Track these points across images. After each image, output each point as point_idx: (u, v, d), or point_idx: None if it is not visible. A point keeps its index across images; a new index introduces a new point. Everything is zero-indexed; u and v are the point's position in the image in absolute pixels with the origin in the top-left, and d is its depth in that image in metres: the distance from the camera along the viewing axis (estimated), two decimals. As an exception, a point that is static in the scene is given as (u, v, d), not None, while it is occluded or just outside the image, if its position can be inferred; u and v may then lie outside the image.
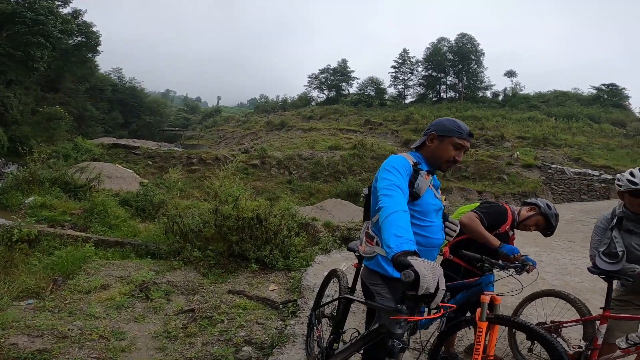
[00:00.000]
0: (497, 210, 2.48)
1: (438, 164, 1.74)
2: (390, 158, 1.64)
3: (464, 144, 1.70)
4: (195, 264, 4.69)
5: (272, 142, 31.44)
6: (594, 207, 11.95)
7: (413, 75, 50.73)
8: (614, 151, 23.53)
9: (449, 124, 1.72)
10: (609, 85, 42.48)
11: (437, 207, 1.71)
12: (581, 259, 6.03)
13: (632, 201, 2.17)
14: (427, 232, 1.64)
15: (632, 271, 2.14)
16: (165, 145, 30.18)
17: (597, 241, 2.38)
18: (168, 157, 21.28)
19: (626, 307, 2.26)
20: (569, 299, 2.57)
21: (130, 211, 8.87)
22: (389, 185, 1.45)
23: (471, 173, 16.45)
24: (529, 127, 28.89)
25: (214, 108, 79.66)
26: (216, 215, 4.71)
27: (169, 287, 4.07)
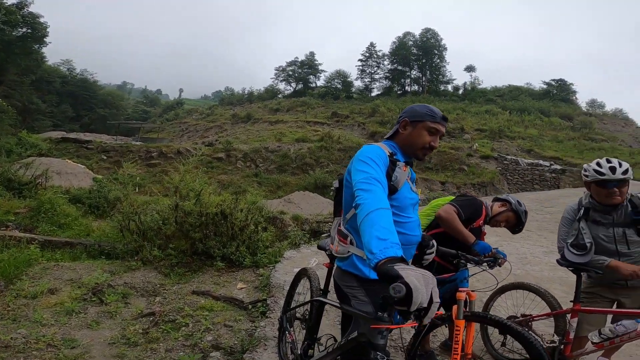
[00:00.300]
0: (474, 204, 2.45)
1: (413, 151, 1.61)
2: (364, 148, 1.50)
3: (438, 128, 1.58)
4: (156, 264, 4.42)
5: (237, 135, 30.66)
6: (546, 197, 12.73)
7: (379, 69, 51.64)
8: (562, 143, 25.36)
9: (421, 108, 1.61)
10: (558, 81, 45.71)
11: (414, 202, 1.60)
12: (538, 248, 6.38)
13: (598, 191, 2.14)
14: (405, 228, 1.52)
15: (601, 263, 2.11)
16: (121, 139, 28.46)
17: (565, 232, 2.33)
18: (125, 151, 20.08)
19: (593, 299, 2.25)
20: (538, 292, 2.54)
21: (83, 209, 8.35)
22: (366, 179, 1.31)
23: (434, 164, 17.02)
24: (487, 120, 30.39)
25: (176, 100, 76.32)
26: (177, 211, 4.45)
27: (126, 289, 3.82)
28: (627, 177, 2.07)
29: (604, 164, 2.11)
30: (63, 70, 51.19)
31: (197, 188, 4.65)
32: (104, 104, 52.96)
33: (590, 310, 2.14)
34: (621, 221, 2.15)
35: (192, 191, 4.68)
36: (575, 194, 13.18)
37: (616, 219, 2.15)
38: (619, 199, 2.10)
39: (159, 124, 46.23)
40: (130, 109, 61.90)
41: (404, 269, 0.99)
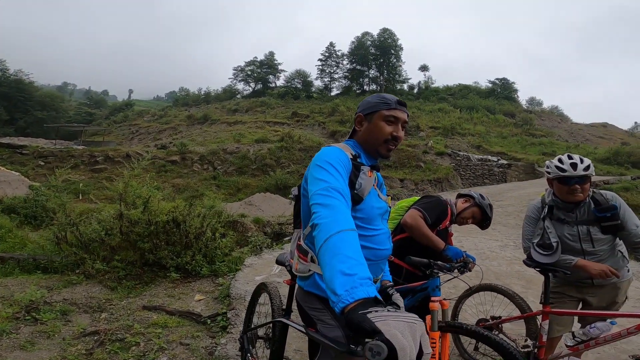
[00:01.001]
0: (439, 205, 2.33)
1: (376, 148, 1.39)
2: (323, 150, 1.28)
3: (396, 115, 1.37)
4: (100, 277, 4.08)
5: (194, 137, 29.44)
6: (496, 191, 13.54)
7: (339, 69, 52.25)
8: (506, 139, 27.29)
9: (373, 98, 1.43)
10: (502, 80, 49.21)
11: (382, 211, 1.40)
12: (494, 242, 6.71)
13: (560, 188, 2.07)
14: (373, 242, 1.32)
15: (568, 263, 2.04)
16: (62, 143, 26.16)
17: (530, 232, 2.25)
18: (65, 156, 18.50)
19: (561, 299, 2.19)
20: (506, 294, 2.46)
21: (18, 219, 7.76)
22: (324, 190, 1.08)
23: (393, 162, 17.47)
24: (440, 117, 31.91)
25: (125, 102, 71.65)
26: (121, 221, 4.07)
27: (66, 306, 3.47)
28: (588, 174, 2.01)
29: (565, 160, 2.05)
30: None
31: (145, 195, 4.28)
32: (41, 106, 48.51)
33: (562, 313, 2.08)
34: (585, 219, 2.09)
35: (139, 198, 4.30)
36: (520, 186, 14.20)
37: (579, 216, 2.09)
38: (581, 196, 2.04)
39: (105, 127, 43.17)
40: (72, 112, 57.21)
41: (383, 319, 0.72)
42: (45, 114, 47.64)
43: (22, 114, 45.72)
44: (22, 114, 45.72)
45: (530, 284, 4.53)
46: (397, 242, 2.28)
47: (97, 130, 39.83)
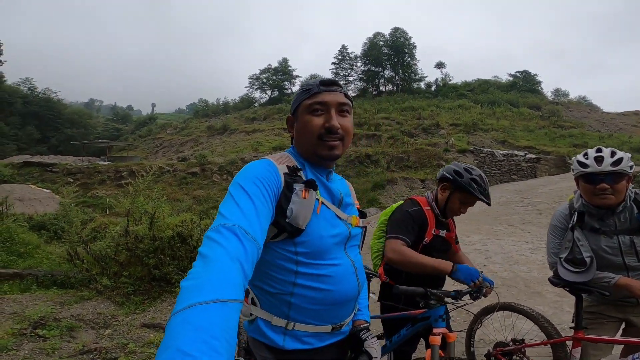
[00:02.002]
0: (408, 217, 1.87)
1: (314, 152, 1.05)
2: (245, 167, 0.98)
3: (322, 99, 1.04)
4: (108, 293, 4.14)
5: (214, 148, 29.98)
6: (525, 187, 12.81)
7: (353, 71, 52.16)
8: (533, 132, 26.04)
9: (297, 92, 1.13)
10: (523, 72, 47.43)
11: (341, 239, 1.04)
12: (523, 244, 6.24)
13: (586, 189, 1.74)
14: (327, 282, 0.99)
15: (607, 282, 1.69)
16: (89, 160, 27.31)
17: (556, 245, 1.87)
18: (92, 172, 19.18)
19: (598, 320, 1.84)
20: (529, 316, 2.09)
21: (46, 235, 7.97)
22: (215, 230, 0.76)
23: (413, 162, 16.99)
24: (460, 114, 30.93)
25: (148, 116, 74.47)
26: (127, 237, 4.04)
27: (72, 322, 3.51)
28: (620, 170, 1.62)
29: (590, 154, 1.73)
30: (24, 89, 49.15)
31: (151, 210, 4.23)
32: (70, 124, 50.99)
33: (598, 340, 1.72)
34: (627, 227, 1.70)
35: (144, 214, 4.25)
36: (551, 181, 13.37)
37: (619, 224, 1.71)
38: (612, 199, 1.66)
39: (131, 142, 44.84)
40: (100, 128, 60.00)
41: None
42: (75, 131, 49.96)
43: (53, 132, 48.13)
44: (53, 132, 48.13)
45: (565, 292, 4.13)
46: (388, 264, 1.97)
47: (124, 145, 41.39)
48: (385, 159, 17.13)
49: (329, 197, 1.05)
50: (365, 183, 14.74)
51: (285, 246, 0.95)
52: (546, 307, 3.87)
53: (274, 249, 0.95)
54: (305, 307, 0.97)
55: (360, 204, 11.69)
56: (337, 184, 1.12)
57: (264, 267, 0.97)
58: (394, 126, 27.80)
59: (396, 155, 17.62)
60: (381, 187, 13.93)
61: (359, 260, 1.12)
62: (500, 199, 10.82)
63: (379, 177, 14.79)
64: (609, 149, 1.70)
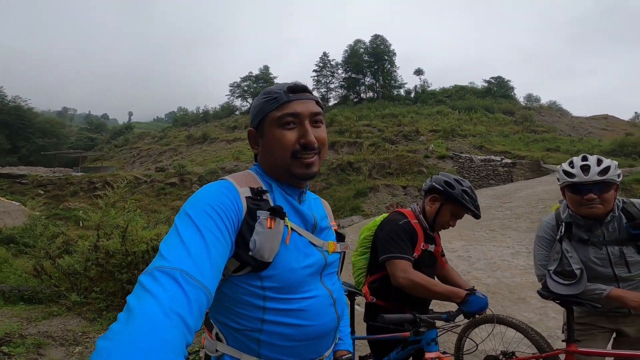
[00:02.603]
0: (402, 230, 1.75)
1: (287, 170, 0.91)
2: (199, 191, 0.84)
3: (294, 109, 0.90)
4: (79, 309, 4.02)
5: (193, 157, 29.43)
6: (502, 192, 13.13)
7: (334, 78, 52.48)
8: (508, 137, 26.93)
9: (257, 99, 0.98)
10: (497, 78, 49.13)
11: (315, 269, 0.91)
12: (505, 249, 6.34)
13: (572, 199, 1.69)
14: (301, 317, 0.87)
15: (599, 294, 1.63)
16: (61, 171, 26.25)
17: (544, 257, 1.81)
18: (64, 184, 18.47)
19: (589, 331, 1.80)
20: (518, 328, 2.03)
21: (14, 249, 7.83)
22: (149, 275, 0.63)
23: (394, 169, 17.16)
24: (439, 120, 31.66)
25: (125, 125, 72.53)
26: (97, 252, 3.87)
27: (40, 339, 3.37)
28: (607, 179, 1.59)
29: (576, 163, 1.68)
30: (-8, 97, 46.89)
31: (123, 224, 4.05)
32: (42, 133, 49.00)
33: (590, 353, 1.68)
34: (615, 237, 1.66)
35: (116, 229, 4.08)
36: (527, 185, 13.76)
37: (607, 235, 1.68)
38: (600, 209, 1.62)
39: (106, 152, 43.47)
40: (73, 137, 57.94)
41: None
42: (47, 140, 48.05)
43: (24, 141, 46.10)
44: (24, 141, 46.10)
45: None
46: (375, 282, 1.86)
47: (98, 156, 40.04)
48: (367, 167, 17.23)
49: (301, 223, 0.92)
50: (348, 191, 14.74)
51: (250, 280, 0.82)
52: (531, 313, 3.89)
53: (236, 284, 0.83)
54: (277, 343, 0.85)
55: (343, 212, 11.53)
56: (310, 206, 1.00)
57: (227, 302, 0.85)
58: (375, 133, 28.11)
59: (378, 163, 17.76)
60: (363, 195, 13.96)
61: (338, 289, 0.99)
62: (480, 204, 11.04)
63: (361, 185, 14.83)
64: (595, 157, 1.66)
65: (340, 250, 1.02)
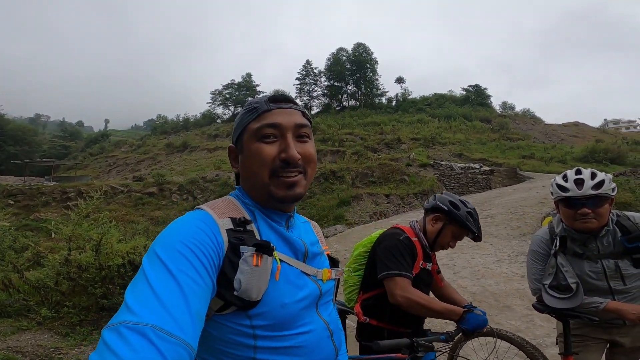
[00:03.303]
0: (403, 248, 1.71)
1: (267, 192, 0.82)
2: (171, 226, 0.73)
3: (274, 120, 0.81)
4: (50, 324, 3.88)
5: (173, 166, 28.77)
6: (482, 199, 13.42)
7: (317, 86, 52.84)
8: (486, 145, 27.72)
9: (240, 113, 0.89)
10: (474, 87, 50.74)
11: (309, 301, 0.82)
12: (487, 257, 6.42)
13: (566, 213, 1.68)
14: (295, 354, 0.78)
15: (596, 307, 1.63)
16: (32, 180, 25.14)
17: (538, 271, 1.80)
18: (35, 193, 17.64)
19: (584, 342, 1.79)
20: (514, 342, 2.02)
21: None
22: (119, 328, 0.54)
23: (377, 177, 17.28)
24: (419, 128, 32.29)
25: (101, 132, 70.33)
26: (68, 267, 3.74)
27: (10, 354, 3.29)
28: (601, 193, 1.59)
29: (569, 176, 1.67)
30: (-40, 103, 44.72)
31: (96, 237, 3.89)
32: (13, 141, 47.13)
33: None
34: (610, 251, 1.66)
35: (89, 242, 3.92)
36: (505, 192, 14.13)
37: (602, 249, 1.68)
38: (594, 223, 1.62)
39: (80, 160, 41.93)
40: (46, 145, 55.76)
41: None
42: (18, 148, 46.31)
43: (-7, 150, 44.13)
44: (-7, 150, 44.13)
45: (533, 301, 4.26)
46: (369, 300, 1.80)
47: (72, 164, 38.59)
48: (350, 175, 17.28)
49: (290, 252, 0.83)
50: (331, 200, 14.70)
51: (237, 319, 0.73)
52: (518, 321, 3.90)
53: (222, 323, 0.74)
54: None
55: (327, 221, 11.42)
56: (300, 232, 0.91)
57: (214, 342, 0.76)
58: (358, 142, 28.34)
59: (361, 171, 17.84)
60: (347, 204, 13.95)
61: (334, 320, 0.91)
62: (460, 212, 11.22)
63: (344, 194, 14.83)
64: (589, 171, 1.66)
65: (336, 276, 0.94)
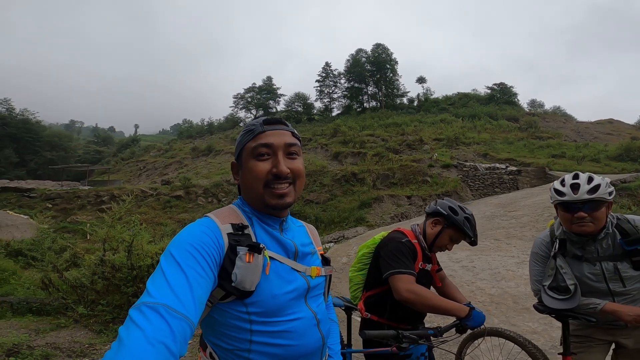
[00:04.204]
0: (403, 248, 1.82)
1: (262, 202, 0.98)
2: (182, 231, 0.91)
3: (266, 141, 0.97)
4: (85, 322, 4.13)
5: (199, 170, 29.67)
6: (507, 200, 13.04)
7: (337, 88, 52.85)
8: (513, 144, 26.78)
9: (240, 134, 1.05)
10: (500, 85, 49.05)
11: (298, 293, 0.98)
12: (509, 259, 6.30)
13: (564, 217, 1.73)
14: (286, 338, 0.94)
15: (593, 308, 1.67)
16: (68, 185, 26.66)
17: (539, 272, 1.86)
18: (72, 197, 18.68)
19: (586, 343, 1.82)
20: (516, 342, 2.08)
21: (23, 262, 8.11)
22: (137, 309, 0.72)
23: (398, 179, 17.15)
24: (442, 129, 31.59)
25: (131, 137, 73.49)
26: (103, 267, 4.00)
27: (48, 350, 3.44)
28: (597, 197, 1.61)
29: (567, 181, 1.71)
30: (1, 110, 47.67)
31: (128, 239, 4.17)
32: (50, 147, 49.80)
33: None
34: (609, 254, 1.69)
35: (121, 243, 4.20)
36: (532, 193, 13.67)
37: (601, 251, 1.71)
38: (591, 227, 1.66)
39: (113, 165, 43.96)
40: (80, 150, 58.83)
41: None
42: (55, 154, 48.75)
43: (32, 155, 46.79)
44: (32, 155, 46.79)
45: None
46: (371, 298, 1.92)
47: (105, 169, 40.56)
48: (371, 177, 17.23)
49: (282, 251, 1.00)
50: (352, 202, 14.74)
51: (236, 307, 0.91)
52: (535, 323, 3.87)
53: (224, 310, 0.91)
54: None
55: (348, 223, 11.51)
56: (294, 234, 1.07)
57: (217, 326, 0.93)
58: (379, 143, 28.15)
59: (382, 173, 17.76)
60: (368, 206, 13.95)
61: (322, 311, 1.06)
62: (485, 213, 10.96)
63: (365, 196, 14.83)
64: (586, 175, 1.70)
65: (325, 274, 1.10)
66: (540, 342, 3.41)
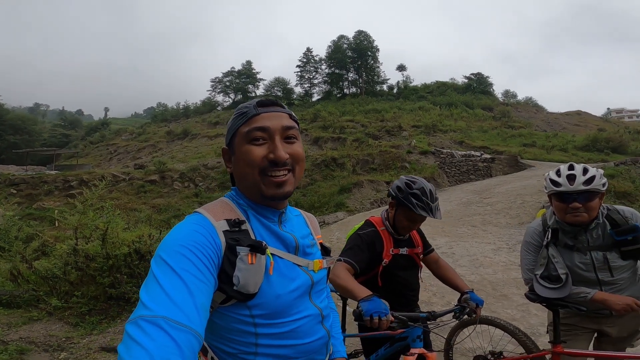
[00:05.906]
0: (360, 240, 1.81)
1: (258, 191, 0.88)
2: (171, 232, 0.80)
3: (262, 124, 0.87)
4: (59, 314, 3.91)
5: (174, 154, 28.80)
6: (482, 187, 13.41)
7: (317, 74, 52.30)
8: (487, 132, 27.62)
9: (232, 117, 0.95)
10: (477, 75, 50.09)
11: (302, 290, 0.92)
12: (486, 245, 6.46)
13: (558, 207, 1.75)
14: (292, 338, 0.89)
15: (583, 297, 1.71)
16: (34, 169, 25.24)
17: (531, 261, 1.88)
18: (38, 182, 17.74)
19: (573, 332, 1.88)
20: (506, 329, 2.11)
21: None
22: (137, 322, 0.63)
23: (378, 165, 17.31)
24: (420, 116, 32.08)
25: (101, 121, 70.14)
26: (76, 256, 3.75)
27: (23, 344, 3.30)
28: (592, 188, 1.65)
29: (562, 171, 1.73)
30: (-41, 94, 44.47)
31: (102, 227, 3.93)
32: (13, 130, 47.10)
33: (576, 354, 1.76)
34: (599, 244, 1.74)
35: (95, 231, 3.96)
36: (505, 181, 14.14)
37: (592, 241, 1.75)
38: (585, 217, 1.69)
39: (81, 149, 41.95)
40: (46, 134, 55.76)
41: None
42: (19, 137, 46.30)
43: (-6, 139, 44.10)
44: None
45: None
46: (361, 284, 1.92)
47: (73, 153, 38.64)
48: (351, 162, 17.30)
49: (282, 247, 0.91)
50: (332, 187, 14.78)
51: (239, 310, 0.83)
52: (514, 310, 3.94)
53: (226, 314, 0.83)
54: None
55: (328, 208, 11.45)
56: (293, 226, 0.98)
57: (219, 330, 0.86)
58: (359, 129, 28.24)
59: (361, 158, 17.86)
60: (348, 191, 14.03)
61: (327, 306, 1.01)
62: (461, 200, 11.26)
63: (345, 181, 14.89)
64: (581, 166, 1.72)
65: (327, 265, 1.03)
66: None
